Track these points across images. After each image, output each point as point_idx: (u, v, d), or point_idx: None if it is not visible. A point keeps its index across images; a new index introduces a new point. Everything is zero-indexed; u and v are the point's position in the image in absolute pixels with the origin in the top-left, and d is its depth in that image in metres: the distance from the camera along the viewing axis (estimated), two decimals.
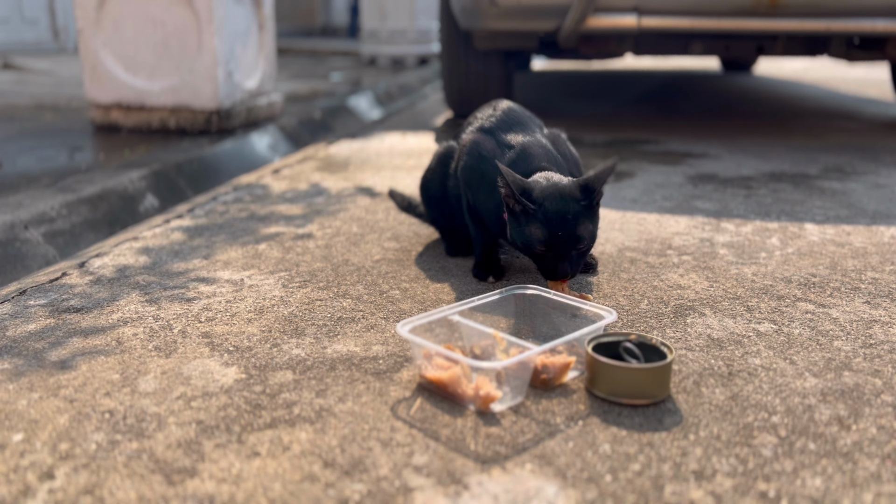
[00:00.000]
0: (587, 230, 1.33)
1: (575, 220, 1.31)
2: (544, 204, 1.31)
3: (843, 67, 6.82)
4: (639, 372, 1.01)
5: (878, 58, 3.15)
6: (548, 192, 1.33)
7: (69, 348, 1.20)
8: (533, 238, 1.32)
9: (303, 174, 2.53)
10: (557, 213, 1.31)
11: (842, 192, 2.26)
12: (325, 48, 8.37)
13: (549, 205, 1.31)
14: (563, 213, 1.31)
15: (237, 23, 3.04)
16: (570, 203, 1.32)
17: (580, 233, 1.32)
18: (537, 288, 1.25)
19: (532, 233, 1.32)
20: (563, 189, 1.33)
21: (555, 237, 1.31)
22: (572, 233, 1.31)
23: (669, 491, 0.84)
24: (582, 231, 1.32)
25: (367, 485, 0.85)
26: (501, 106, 1.60)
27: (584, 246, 1.33)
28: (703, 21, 2.83)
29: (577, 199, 1.32)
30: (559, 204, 1.31)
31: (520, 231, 1.34)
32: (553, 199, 1.32)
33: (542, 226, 1.31)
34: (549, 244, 1.31)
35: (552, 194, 1.32)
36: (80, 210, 2.00)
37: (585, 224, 1.33)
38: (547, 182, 1.35)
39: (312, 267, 1.59)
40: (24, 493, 0.83)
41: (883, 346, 1.21)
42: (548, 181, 1.35)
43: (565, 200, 1.32)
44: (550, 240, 1.31)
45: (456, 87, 3.59)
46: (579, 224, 1.32)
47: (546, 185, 1.34)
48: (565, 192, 1.33)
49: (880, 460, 0.90)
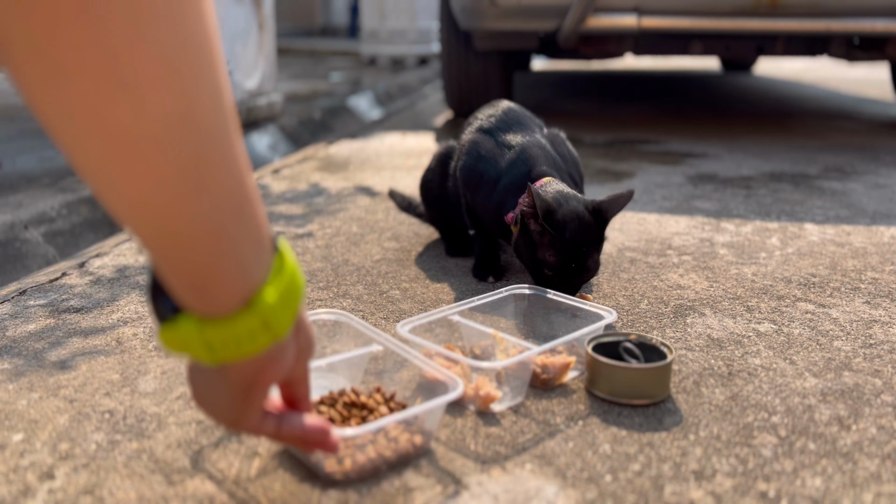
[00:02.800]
0: (595, 262, 1.32)
1: (588, 251, 1.30)
2: (565, 233, 1.28)
3: (843, 67, 6.82)
4: (639, 372, 1.01)
5: (878, 58, 3.15)
6: (569, 218, 1.29)
7: (69, 348, 1.20)
8: (544, 263, 1.31)
9: (303, 174, 2.53)
10: (574, 244, 1.28)
11: (842, 192, 2.26)
12: (325, 48, 8.38)
13: (570, 234, 1.28)
14: (579, 244, 1.29)
15: (237, 23, 3.04)
16: (587, 233, 1.29)
17: (589, 265, 1.31)
18: (537, 288, 1.25)
19: (544, 257, 1.31)
20: (581, 216, 1.29)
21: (566, 267, 1.29)
22: (582, 265, 1.30)
23: (669, 491, 0.84)
24: (591, 264, 1.31)
25: (367, 484, 0.85)
26: (502, 106, 1.60)
27: (589, 276, 1.33)
28: (703, 21, 2.83)
29: (594, 229, 1.30)
30: (578, 234, 1.28)
31: (530, 250, 1.33)
32: (573, 229, 1.28)
33: (557, 254, 1.29)
34: (559, 272, 1.30)
35: (573, 222, 1.29)
36: (80, 210, 2.00)
37: (595, 256, 1.32)
38: (567, 204, 1.31)
39: (312, 267, 1.59)
40: (24, 493, 0.83)
41: (883, 346, 1.21)
42: (567, 202, 1.31)
43: (583, 231, 1.29)
44: (561, 269, 1.30)
45: (456, 87, 3.59)
46: (590, 256, 1.30)
47: (567, 211, 1.29)
48: (584, 220, 1.29)
49: (880, 460, 0.90)
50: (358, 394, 0.96)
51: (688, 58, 7.77)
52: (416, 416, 0.92)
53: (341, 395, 0.97)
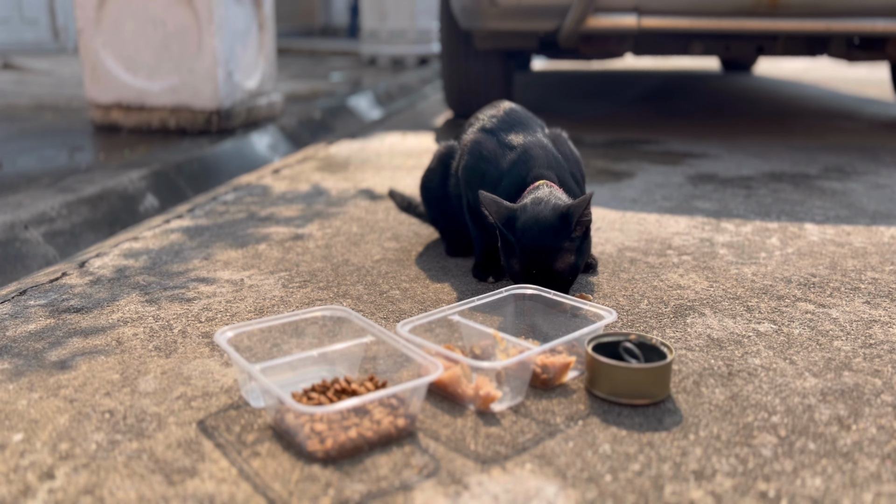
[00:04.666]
0: (566, 263, 1.31)
1: (552, 254, 1.29)
2: (521, 239, 1.30)
3: (843, 67, 6.82)
4: (639, 372, 1.01)
5: (878, 58, 3.15)
6: (528, 225, 1.29)
7: (69, 348, 1.20)
8: (512, 268, 1.34)
9: (303, 174, 2.53)
10: (533, 248, 1.29)
11: (842, 192, 2.26)
12: (325, 48, 8.37)
13: (526, 239, 1.29)
14: (538, 247, 1.29)
15: (237, 23, 3.04)
16: (547, 237, 1.29)
17: (558, 267, 1.30)
18: (537, 288, 1.25)
19: (511, 263, 1.34)
20: (542, 221, 1.29)
21: (529, 272, 1.31)
22: (549, 268, 1.30)
23: (669, 491, 0.84)
24: (560, 265, 1.30)
25: (367, 484, 0.85)
26: (503, 107, 1.60)
27: (563, 277, 1.32)
28: (703, 21, 2.83)
29: (557, 232, 1.29)
30: (535, 238, 1.29)
31: (504, 256, 1.36)
32: (529, 234, 1.29)
33: (519, 260, 1.31)
34: (526, 277, 1.31)
35: (530, 228, 1.29)
36: (80, 210, 2.00)
37: (565, 257, 1.30)
38: (532, 210, 1.31)
39: (312, 267, 1.59)
40: (24, 493, 0.83)
41: (883, 346, 1.21)
42: (533, 208, 1.31)
43: (542, 235, 1.29)
44: (526, 273, 1.31)
45: (456, 87, 3.59)
46: (558, 259, 1.30)
47: (528, 217, 1.30)
48: (544, 224, 1.29)
49: (880, 460, 0.90)
50: (350, 382, 1.00)
51: (688, 58, 7.77)
52: (401, 399, 0.95)
53: (334, 382, 1.01)
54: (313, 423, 0.90)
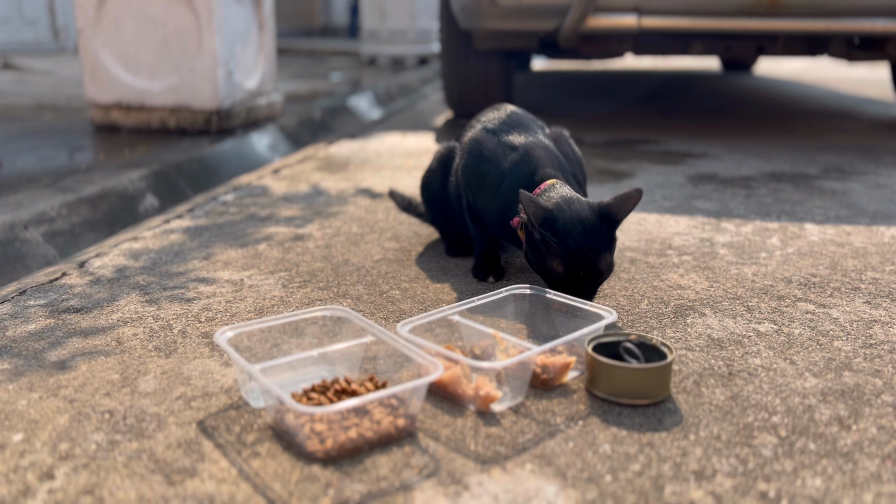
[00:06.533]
0: (606, 263, 1.29)
1: (597, 256, 1.26)
2: (568, 241, 1.25)
3: (843, 67, 6.82)
4: (639, 372, 1.01)
5: (878, 58, 3.15)
6: (571, 225, 1.26)
7: (69, 348, 1.20)
8: (552, 271, 1.29)
9: (303, 174, 2.53)
10: (581, 251, 1.25)
11: (842, 192, 2.26)
12: (325, 48, 8.37)
13: (574, 242, 1.25)
14: (585, 250, 1.26)
15: (237, 23, 3.04)
16: (593, 239, 1.26)
17: (601, 268, 1.28)
18: (537, 288, 1.25)
19: (552, 266, 1.28)
20: (586, 222, 1.26)
21: (575, 275, 1.27)
22: (593, 270, 1.27)
23: (669, 491, 0.84)
24: (602, 266, 1.28)
25: (367, 484, 0.85)
26: (504, 109, 1.60)
27: (602, 280, 1.30)
28: (703, 21, 2.83)
29: (600, 232, 1.27)
30: (583, 241, 1.25)
31: (539, 259, 1.31)
32: (577, 237, 1.25)
33: (563, 262, 1.26)
34: (569, 280, 1.28)
35: (576, 229, 1.26)
36: (79, 210, 2.00)
37: (605, 257, 1.28)
38: (569, 210, 1.28)
39: (312, 267, 1.59)
40: (24, 493, 0.83)
41: (883, 346, 1.21)
42: (570, 207, 1.28)
43: (589, 237, 1.26)
44: (570, 277, 1.27)
45: (456, 87, 3.59)
46: (600, 260, 1.27)
47: (569, 218, 1.26)
48: (589, 225, 1.26)
49: (880, 460, 0.90)
50: (350, 382, 1.00)
51: (688, 58, 7.77)
52: (401, 400, 0.95)
53: (334, 383, 1.01)
54: (313, 424, 0.90)
